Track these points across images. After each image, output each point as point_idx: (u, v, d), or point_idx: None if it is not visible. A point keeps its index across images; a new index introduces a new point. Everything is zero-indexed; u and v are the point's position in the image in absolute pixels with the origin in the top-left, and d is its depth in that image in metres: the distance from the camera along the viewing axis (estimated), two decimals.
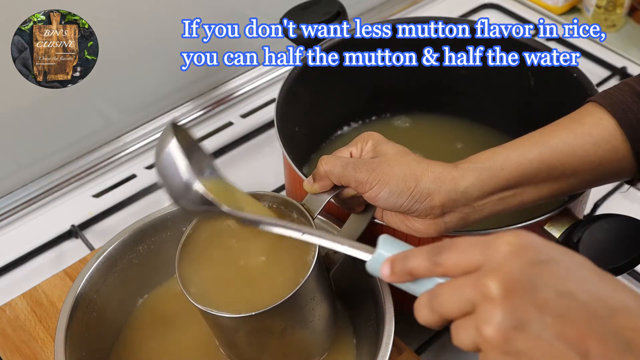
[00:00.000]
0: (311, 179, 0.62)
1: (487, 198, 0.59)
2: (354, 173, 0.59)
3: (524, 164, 0.59)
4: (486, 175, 0.58)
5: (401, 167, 0.58)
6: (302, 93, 0.82)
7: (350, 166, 0.59)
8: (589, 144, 0.59)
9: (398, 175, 0.58)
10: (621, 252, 0.63)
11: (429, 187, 0.57)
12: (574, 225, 0.66)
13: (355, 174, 0.59)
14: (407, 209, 0.58)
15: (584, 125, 0.60)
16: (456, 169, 0.58)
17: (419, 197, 0.57)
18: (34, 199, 0.93)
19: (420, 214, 0.58)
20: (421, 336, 0.78)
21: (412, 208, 0.58)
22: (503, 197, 0.59)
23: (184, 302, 0.72)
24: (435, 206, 0.58)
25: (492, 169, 0.58)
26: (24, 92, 0.84)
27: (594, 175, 0.60)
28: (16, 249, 0.89)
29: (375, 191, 0.58)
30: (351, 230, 0.65)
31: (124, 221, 0.91)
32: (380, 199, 0.58)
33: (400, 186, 0.57)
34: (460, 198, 0.58)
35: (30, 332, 0.73)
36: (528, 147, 0.59)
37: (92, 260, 0.68)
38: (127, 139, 0.99)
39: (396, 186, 0.57)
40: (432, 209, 0.58)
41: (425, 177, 0.58)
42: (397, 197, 0.58)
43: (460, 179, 0.58)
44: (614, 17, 1.18)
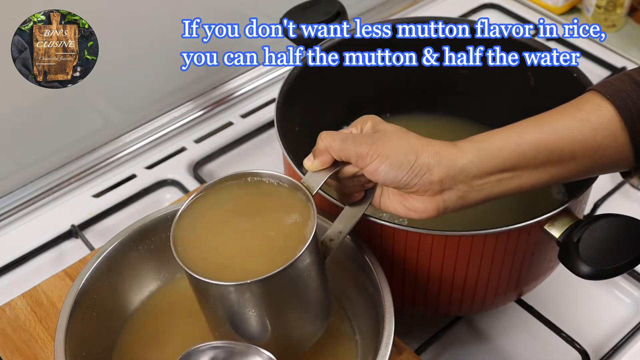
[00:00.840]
0: (311, 156, 0.62)
1: (485, 178, 0.59)
2: (355, 146, 0.59)
3: (522, 145, 0.59)
4: (484, 155, 0.59)
5: (401, 141, 0.59)
6: (302, 93, 0.82)
7: (350, 140, 0.60)
8: (587, 129, 0.59)
9: (398, 149, 0.58)
10: (621, 252, 0.63)
11: (429, 162, 0.58)
12: (574, 225, 0.66)
13: (356, 148, 0.59)
14: (407, 184, 0.59)
15: (582, 111, 0.60)
16: (455, 147, 0.59)
17: (418, 171, 0.58)
18: (34, 199, 0.93)
19: (419, 190, 0.59)
20: (421, 336, 0.78)
21: (411, 182, 0.58)
22: (501, 179, 0.60)
23: (184, 302, 0.72)
24: (434, 181, 0.58)
25: (491, 149, 0.59)
26: (24, 92, 0.84)
27: (593, 162, 0.60)
28: (16, 249, 0.89)
29: (376, 164, 0.58)
30: (344, 222, 0.64)
31: (124, 221, 0.91)
32: (380, 173, 0.59)
33: (401, 159, 0.58)
34: (458, 175, 0.58)
35: (30, 332, 0.73)
36: (526, 129, 0.60)
37: (92, 260, 0.68)
38: (127, 139, 0.99)
39: (396, 159, 0.58)
40: (431, 184, 0.58)
41: (425, 152, 0.58)
42: (397, 170, 0.58)
43: (459, 156, 0.58)
44: (614, 17, 1.18)
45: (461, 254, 0.68)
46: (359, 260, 0.67)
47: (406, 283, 0.72)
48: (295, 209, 0.60)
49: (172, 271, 0.74)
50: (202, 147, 1.01)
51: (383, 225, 0.67)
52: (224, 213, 0.61)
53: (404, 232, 0.67)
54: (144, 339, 0.70)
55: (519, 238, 0.68)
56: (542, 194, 0.84)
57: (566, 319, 0.81)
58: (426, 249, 0.68)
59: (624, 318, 0.83)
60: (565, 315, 0.82)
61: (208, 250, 0.60)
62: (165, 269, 0.73)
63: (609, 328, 0.82)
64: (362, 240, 0.67)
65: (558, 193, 0.84)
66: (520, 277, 0.73)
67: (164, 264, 0.73)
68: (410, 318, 0.77)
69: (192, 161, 0.99)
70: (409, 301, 0.74)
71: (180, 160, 0.99)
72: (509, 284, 0.73)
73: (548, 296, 0.83)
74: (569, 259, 0.64)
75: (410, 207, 0.61)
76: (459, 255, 0.68)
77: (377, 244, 0.68)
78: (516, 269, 0.71)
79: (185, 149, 1.01)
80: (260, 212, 0.61)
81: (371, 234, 0.68)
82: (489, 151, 0.59)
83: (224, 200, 0.62)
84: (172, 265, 0.73)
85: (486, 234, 0.67)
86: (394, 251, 0.69)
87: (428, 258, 0.68)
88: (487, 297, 0.73)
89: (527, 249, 0.69)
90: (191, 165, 0.98)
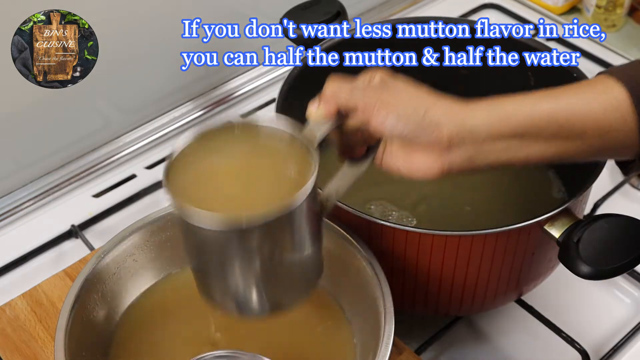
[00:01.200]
0: (317, 101, 0.60)
1: (494, 142, 0.58)
2: (362, 96, 0.58)
3: (535, 114, 0.58)
4: (495, 118, 0.57)
5: (411, 94, 0.58)
6: (302, 93, 0.82)
7: (358, 89, 0.58)
8: (599, 108, 0.58)
9: (407, 101, 0.57)
10: (621, 252, 0.63)
11: (439, 118, 0.56)
12: (574, 225, 0.66)
13: (364, 97, 0.58)
14: (414, 137, 0.57)
15: (595, 90, 0.59)
16: (467, 106, 0.58)
17: (426, 125, 0.56)
18: (34, 199, 0.93)
19: (427, 145, 0.57)
20: (421, 336, 0.78)
21: (418, 137, 0.57)
22: (510, 146, 0.58)
23: (183, 302, 0.72)
24: (442, 138, 0.56)
25: (503, 113, 0.58)
26: (24, 92, 0.84)
27: (601, 143, 0.60)
28: (16, 249, 0.89)
29: (383, 116, 0.57)
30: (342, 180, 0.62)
31: (124, 221, 0.91)
32: (387, 125, 0.57)
33: (409, 111, 0.56)
34: (467, 135, 0.57)
35: (30, 332, 0.73)
36: (540, 99, 0.59)
37: (92, 260, 0.68)
38: (127, 139, 0.99)
39: (404, 111, 0.56)
40: (439, 140, 0.57)
41: (435, 107, 0.57)
42: (405, 122, 0.56)
43: (470, 116, 0.57)
44: (614, 17, 1.18)
45: (461, 254, 0.68)
46: (359, 260, 0.67)
47: (406, 283, 0.72)
48: (296, 158, 0.58)
49: (171, 271, 0.74)
50: None
51: (383, 226, 0.67)
52: (221, 159, 0.59)
53: (404, 232, 0.67)
54: (143, 339, 0.70)
55: (519, 238, 0.68)
56: (542, 194, 0.84)
57: (566, 319, 0.81)
58: (426, 249, 0.68)
59: (624, 318, 0.83)
60: (565, 315, 0.82)
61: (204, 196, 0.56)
62: (165, 269, 0.73)
63: (609, 328, 0.82)
64: (362, 240, 0.67)
65: (558, 192, 0.84)
66: (520, 277, 0.73)
67: (164, 264, 0.73)
68: (410, 318, 0.77)
69: None
70: (409, 301, 0.74)
71: None
72: (509, 284, 0.73)
73: (548, 296, 0.83)
74: (569, 259, 0.64)
75: (413, 166, 0.58)
76: (459, 255, 0.68)
77: (377, 243, 0.68)
78: (516, 269, 0.71)
79: None
80: (260, 160, 0.59)
81: (371, 233, 0.68)
82: (501, 115, 0.57)
83: (221, 147, 0.59)
84: (172, 265, 0.74)
85: (486, 234, 0.67)
86: (394, 251, 0.69)
87: (428, 258, 0.68)
88: (487, 297, 0.73)
89: (527, 249, 0.69)
90: None
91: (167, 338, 0.70)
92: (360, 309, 0.69)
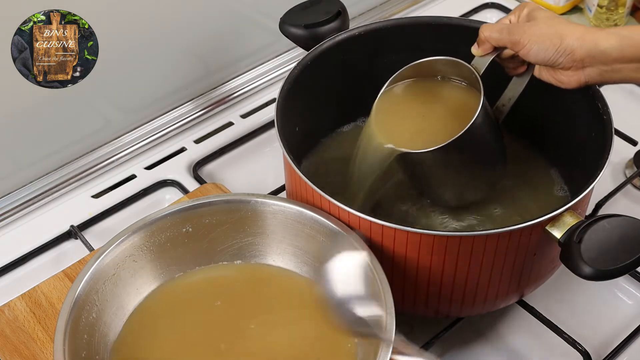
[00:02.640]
0: (476, 45, 0.76)
1: (625, 63, 0.69)
2: (509, 36, 0.72)
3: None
4: (627, 43, 0.68)
5: (549, 28, 0.71)
6: (302, 93, 0.82)
7: (505, 30, 0.73)
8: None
9: (545, 35, 0.70)
10: (623, 253, 0.63)
11: (572, 45, 0.69)
12: (576, 225, 0.65)
13: (510, 37, 0.72)
14: (554, 62, 0.71)
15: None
16: (601, 31, 0.70)
17: (562, 52, 0.70)
18: (33, 199, 0.93)
19: (565, 66, 0.71)
20: (421, 336, 0.78)
21: (557, 61, 0.71)
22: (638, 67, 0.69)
23: (183, 302, 0.72)
24: (576, 59, 0.70)
25: (634, 39, 0.68)
26: (24, 92, 0.84)
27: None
28: (15, 250, 0.89)
29: (527, 49, 0.71)
30: (513, 90, 0.80)
31: (124, 221, 0.91)
32: (531, 55, 0.71)
33: (547, 43, 0.70)
34: (599, 56, 0.69)
35: (30, 333, 0.73)
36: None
37: (91, 261, 0.68)
38: (127, 139, 0.99)
39: (543, 43, 0.70)
40: (574, 62, 0.70)
41: (569, 36, 0.70)
42: (545, 52, 0.71)
43: (602, 40, 0.69)
44: (615, 16, 1.17)
45: (462, 255, 0.68)
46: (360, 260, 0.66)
47: (407, 284, 0.71)
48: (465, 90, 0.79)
49: (171, 271, 0.74)
50: (202, 148, 1.01)
51: (384, 226, 0.67)
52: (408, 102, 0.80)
53: (404, 233, 0.67)
54: (143, 339, 0.70)
55: (521, 239, 0.68)
56: (543, 193, 0.84)
57: (568, 320, 0.81)
58: (427, 250, 0.67)
59: (626, 319, 0.83)
60: (567, 317, 0.82)
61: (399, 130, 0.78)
62: (164, 269, 0.73)
63: (610, 329, 0.82)
64: (363, 241, 0.67)
65: (560, 192, 0.84)
66: (522, 278, 0.73)
67: (163, 265, 0.73)
68: (411, 319, 0.77)
69: (192, 161, 0.99)
70: (410, 302, 0.74)
71: (180, 160, 0.99)
72: (510, 285, 0.73)
73: (550, 297, 0.83)
74: (571, 260, 0.64)
75: (558, 78, 0.73)
76: (460, 256, 0.68)
77: (378, 244, 0.68)
78: (517, 270, 0.71)
79: (185, 149, 1.01)
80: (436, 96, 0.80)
81: (372, 234, 0.68)
82: (632, 41, 0.68)
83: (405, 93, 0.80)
84: (172, 265, 0.74)
85: (487, 235, 0.67)
86: (394, 252, 0.69)
87: (429, 259, 0.68)
88: (489, 298, 0.73)
89: (528, 249, 0.69)
90: (191, 166, 0.98)
91: (168, 338, 0.70)
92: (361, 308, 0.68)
